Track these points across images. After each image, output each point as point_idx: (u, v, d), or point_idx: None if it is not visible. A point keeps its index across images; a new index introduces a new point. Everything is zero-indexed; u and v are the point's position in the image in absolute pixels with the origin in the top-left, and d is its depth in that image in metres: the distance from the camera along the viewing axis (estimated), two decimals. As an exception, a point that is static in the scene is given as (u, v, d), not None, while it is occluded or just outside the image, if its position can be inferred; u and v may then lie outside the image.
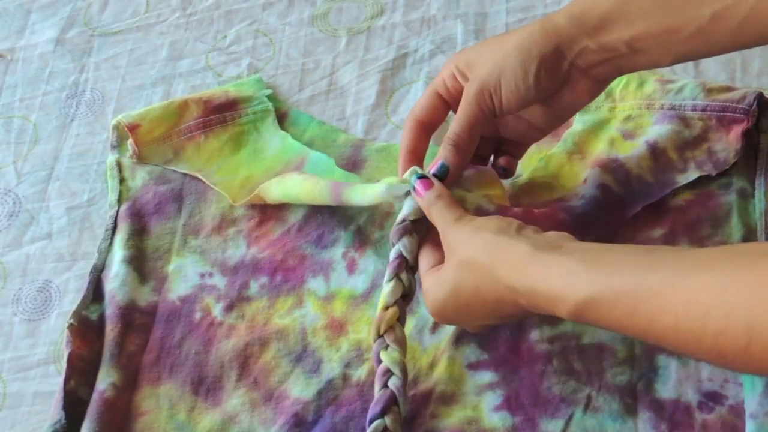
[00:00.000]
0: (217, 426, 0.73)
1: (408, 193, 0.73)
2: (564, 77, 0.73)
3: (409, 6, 0.98)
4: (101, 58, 0.98)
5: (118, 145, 0.88)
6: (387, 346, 0.70)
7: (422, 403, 0.72)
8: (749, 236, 0.76)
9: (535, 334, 0.74)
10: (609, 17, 0.70)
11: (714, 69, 0.88)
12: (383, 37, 0.96)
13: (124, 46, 0.99)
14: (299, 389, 0.74)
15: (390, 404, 0.68)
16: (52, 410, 0.74)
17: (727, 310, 0.53)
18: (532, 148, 0.82)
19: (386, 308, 0.71)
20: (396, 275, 0.71)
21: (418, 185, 0.71)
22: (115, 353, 0.76)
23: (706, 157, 0.80)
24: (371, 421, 0.68)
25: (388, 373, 0.69)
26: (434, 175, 0.72)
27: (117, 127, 0.88)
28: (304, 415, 0.73)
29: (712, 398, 0.70)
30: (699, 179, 0.80)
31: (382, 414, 0.68)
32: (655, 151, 0.80)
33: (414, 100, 0.90)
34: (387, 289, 0.71)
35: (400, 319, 0.71)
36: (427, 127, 0.77)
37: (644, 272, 0.58)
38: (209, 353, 0.77)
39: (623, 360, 0.72)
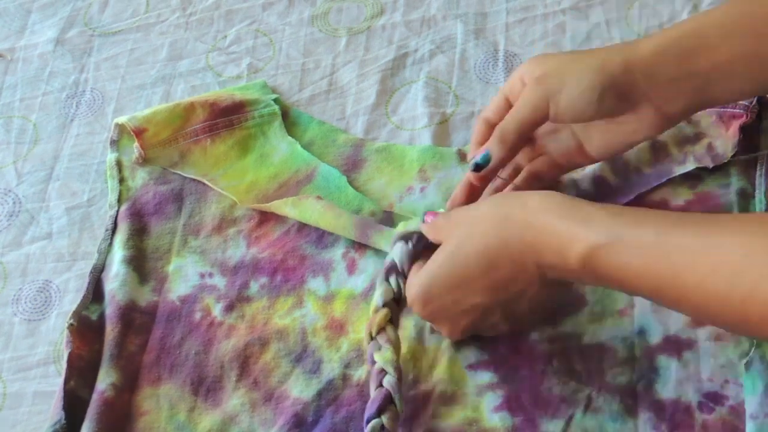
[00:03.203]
0: (217, 426, 0.73)
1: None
2: (632, 104, 0.70)
3: (409, 6, 0.98)
4: (101, 58, 0.98)
5: (119, 140, 0.88)
6: (380, 347, 0.71)
7: (422, 403, 0.72)
8: (749, 237, 0.76)
9: (535, 334, 0.74)
10: (691, 45, 0.68)
11: (714, 69, 0.88)
12: (383, 37, 0.96)
13: (124, 46, 0.99)
14: (299, 389, 0.74)
15: (386, 403, 0.68)
16: (52, 410, 0.74)
17: (758, 275, 0.52)
18: None
19: (376, 311, 0.72)
20: (386, 279, 0.73)
21: (427, 216, 0.73)
22: (115, 353, 0.76)
23: (705, 152, 0.80)
24: (368, 421, 0.68)
25: (383, 372, 0.70)
26: (476, 163, 0.73)
27: (118, 125, 0.88)
28: (304, 416, 0.73)
29: (712, 399, 0.70)
30: (699, 178, 0.80)
31: (378, 413, 0.68)
32: (655, 144, 0.81)
33: (414, 99, 0.91)
34: (377, 293, 0.72)
35: (393, 321, 0.72)
36: (494, 126, 0.75)
37: (670, 227, 0.57)
38: (209, 353, 0.77)
39: (623, 360, 0.72)
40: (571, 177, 0.81)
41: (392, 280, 0.73)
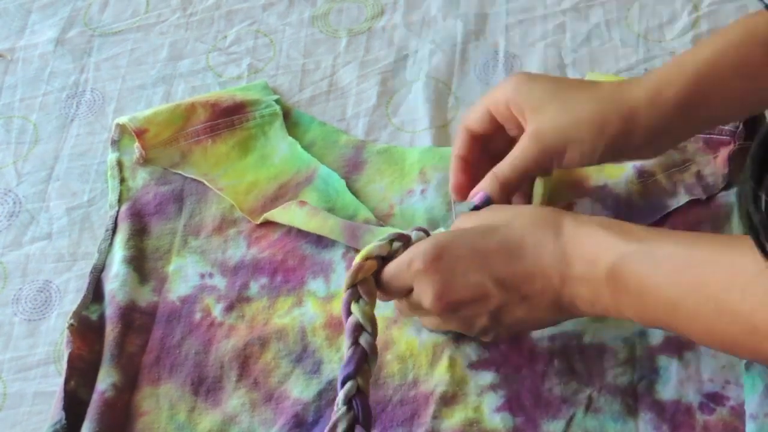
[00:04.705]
0: (217, 426, 0.73)
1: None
2: (629, 154, 0.75)
3: (409, 6, 0.98)
4: (101, 58, 0.98)
5: (119, 140, 0.88)
6: (359, 298, 0.69)
7: (423, 403, 0.72)
8: (750, 237, 0.76)
9: (536, 334, 0.74)
10: (692, 102, 0.71)
11: (714, 70, 0.88)
12: (383, 38, 0.96)
13: (125, 46, 0.98)
14: (299, 390, 0.74)
15: (362, 363, 0.66)
16: (53, 410, 0.74)
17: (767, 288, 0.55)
18: None
19: (367, 258, 0.70)
20: (392, 239, 0.71)
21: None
22: (115, 353, 0.76)
23: (695, 181, 0.80)
24: (345, 381, 0.65)
25: (360, 328, 0.67)
26: (476, 206, 0.73)
27: (119, 125, 0.88)
28: (305, 416, 0.73)
29: (713, 399, 0.70)
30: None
31: (356, 373, 0.66)
32: (643, 174, 0.81)
33: (415, 100, 0.90)
34: (376, 243, 0.70)
35: (375, 276, 0.70)
36: (477, 138, 0.77)
37: (693, 243, 0.61)
38: (209, 353, 0.77)
39: (624, 361, 0.72)
40: None
41: (397, 243, 0.71)
